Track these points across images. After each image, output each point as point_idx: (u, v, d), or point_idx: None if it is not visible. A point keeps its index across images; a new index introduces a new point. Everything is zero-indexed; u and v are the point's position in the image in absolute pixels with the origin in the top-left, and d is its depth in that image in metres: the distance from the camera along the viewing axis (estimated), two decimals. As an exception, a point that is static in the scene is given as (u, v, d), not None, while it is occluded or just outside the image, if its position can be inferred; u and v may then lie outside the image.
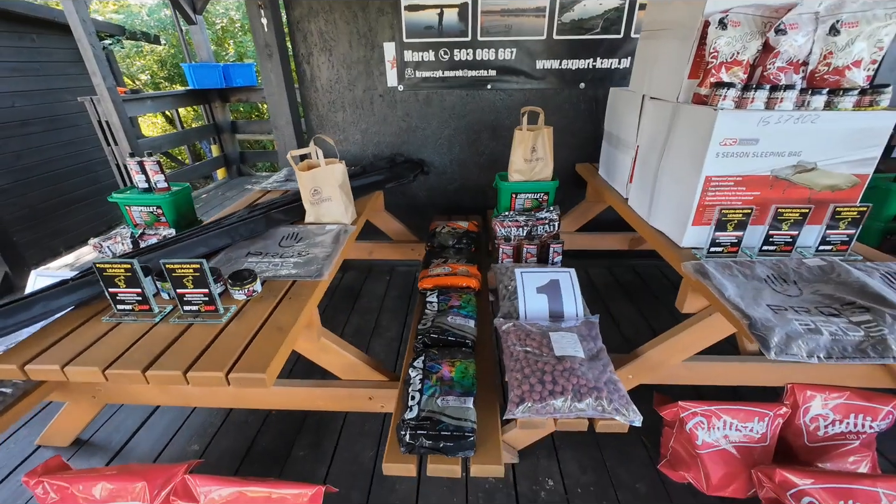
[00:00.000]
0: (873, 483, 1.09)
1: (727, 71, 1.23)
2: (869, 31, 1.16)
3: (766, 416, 1.30)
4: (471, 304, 1.52)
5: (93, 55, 3.23)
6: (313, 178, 1.53)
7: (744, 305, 1.00)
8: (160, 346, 0.97)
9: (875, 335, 0.90)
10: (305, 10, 2.21)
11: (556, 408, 1.06)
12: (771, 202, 1.25)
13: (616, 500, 1.36)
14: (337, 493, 1.09)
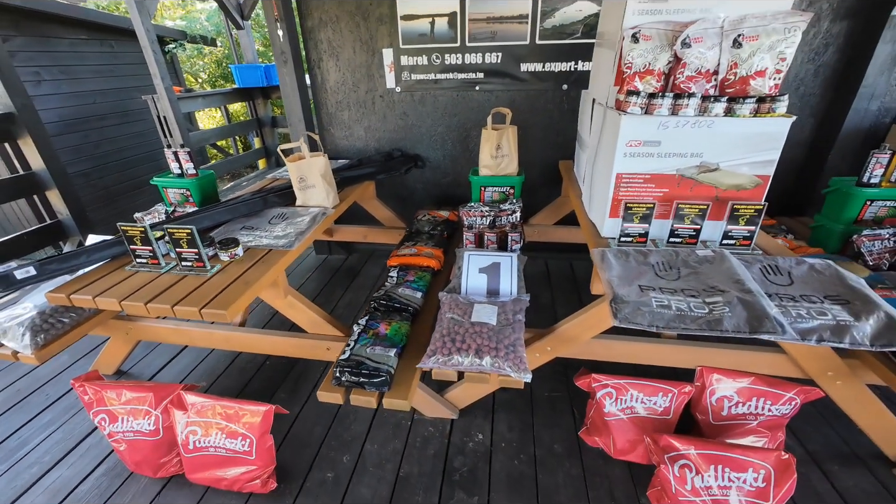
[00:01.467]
0: (744, 452, 1.23)
1: (641, 80, 1.37)
2: (769, 44, 1.26)
3: (669, 393, 1.45)
4: (424, 279, 1.77)
5: (154, 59, 3.78)
6: (299, 168, 1.84)
7: (616, 284, 1.17)
8: (161, 288, 1.31)
9: (716, 313, 1.05)
10: (316, 21, 2.53)
11: (460, 362, 1.29)
12: (680, 198, 1.39)
13: (532, 456, 1.56)
14: (287, 413, 1.39)
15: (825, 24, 2.13)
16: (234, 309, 1.21)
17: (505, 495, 1.42)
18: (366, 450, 1.61)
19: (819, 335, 0.99)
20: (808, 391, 1.38)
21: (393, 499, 1.42)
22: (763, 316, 1.02)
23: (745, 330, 1.00)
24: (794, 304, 1.08)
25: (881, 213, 1.81)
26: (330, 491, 1.46)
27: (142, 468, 1.51)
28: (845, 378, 1.35)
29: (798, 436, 1.59)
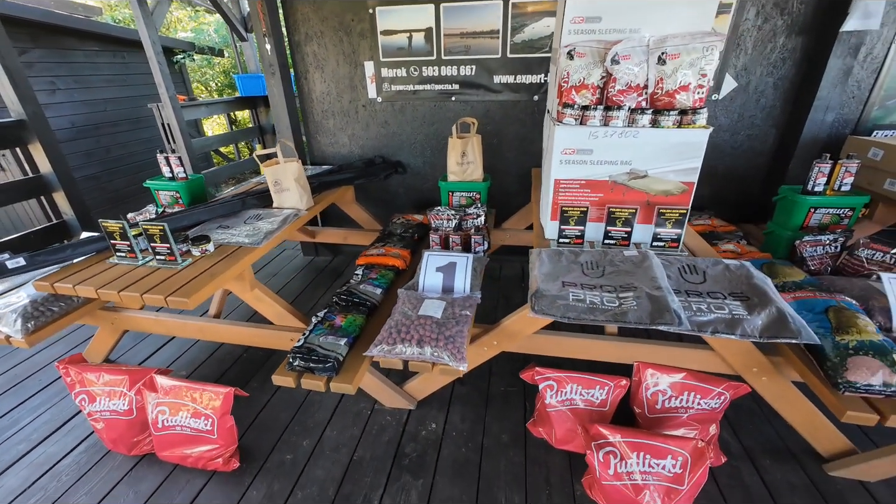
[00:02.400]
0: (664, 441, 1.31)
1: (577, 93, 1.48)
2: (690, 61, 1.36)
3: (606, 386, 1.54)
4: (386, 277, 1.89)
5: (159, 70, 3.98)
6: (274, 173, 1.98)
7: (541, 280, 1.28)
8: (136, 279, 1.45)
9: (624, 307, 1.15)
10: (303, 36, 2.70)
11: (403, 351, 1.39)
12: (613, 203, 1.49)
13: (479, 444, 1.65)
14: (248, 396, 1.51)
15: (781, 39, 2.22)
16: (196, 298, 1.34)
17: (448, 479, 1.51)
18: (325, 435, 1.72)
19: (714, 327, 1.08)
20: (736, 387, 1.46)
21: (344, 479, 1.53)
22: (665, 309, 1.11)
23: (647, 321, 1.09)
24: (699, 299, 1.17)
25: (825, 220, 1.88)
26: (287, 471, 1.57)
27: (117, 446, 1.63)
28: (770, 374, 1.42)
29: (736, 431, 1.66)
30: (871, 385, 1.15)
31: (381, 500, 1.45)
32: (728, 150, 2.53)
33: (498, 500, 1.44)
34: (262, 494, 1.48)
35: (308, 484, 1.52)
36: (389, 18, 2.54)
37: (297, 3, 2.62)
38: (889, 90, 2.22)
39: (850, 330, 1.28)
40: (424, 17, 2.49)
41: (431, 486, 1.49)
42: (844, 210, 1.86)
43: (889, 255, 1.68)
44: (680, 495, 1.26)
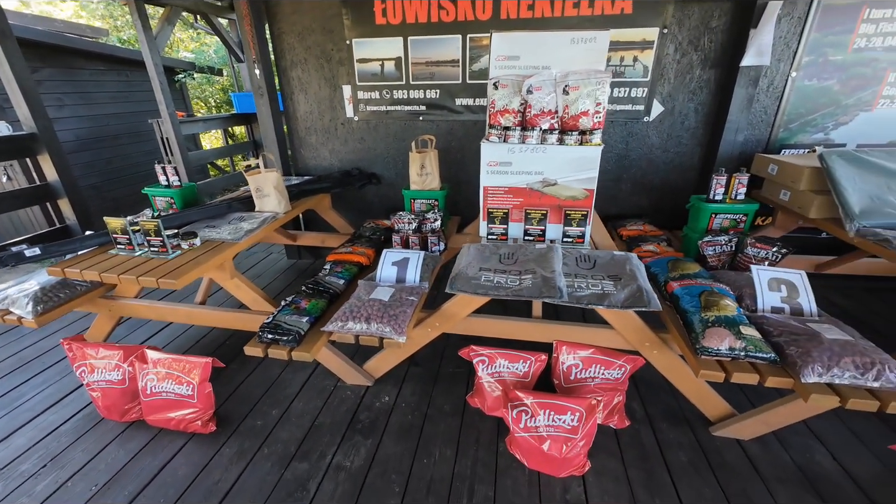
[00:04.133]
0: (566, 400, 1.58)
1: (502, 116, 1.81)
2: (587, 92, 1.70)
3: (528, 360, 1.82)
4: (350, 271, 2.18)
5: (160, 89, 4.33)
6: (256, 181, 2.29)
7: (463, 266, 1.58)
8: (132, 266, 1.74)
9: (522, 285, 1.44)
10: (288, 62, 3.05)
11: (353, 327, 1.68)
12: (531, 206, 1.80)
13: (424, 413, 1.92)
14: (224, 367, 1.78)
15: (697, 71, 2.58)
16: (183, 280, 1.63)
17: (393, 439, 1.78)
18: (292, 406, 1.98)
19: (588, 300, 1.38)
20: (634, 359, 1.75)
21: (305, 439, 1.79)
22: (551, 287, 1.41)
23: (536, 295, 1.39)
24: (583, 280, 1.47)
25: (724, 224, 2.20)
26: (257, 433, 1.83)
27: (111, 413, 1.89)
28: (659, 348, 1.72)
29: (643, 401, 1.94)
30: (721, 350, 1.45)
31: (334, 455, 1.71)
32: (662, 166, 2.87)
33: (433, 454, 1.70)
34: (233, 451, 1.74)
35: (273, 443, 1.78)
36: (364, 49, 2.89)
37: (283, 34, 2.98)
38: (790, 115, 2.58)
39: (713, 308, 1.59)
40: (394, 48, 2.85)
41: (378, 444, 1.75)
42: (739, 215, 2.18)
43: (770, 252, 1.99)
44: (574, 443, 1.54)
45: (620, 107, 2.74)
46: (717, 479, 1.57)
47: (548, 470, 1.60)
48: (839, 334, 1.45)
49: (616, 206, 3.04)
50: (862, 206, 1.85)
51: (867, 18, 2.32)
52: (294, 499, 1.53)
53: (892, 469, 1.59)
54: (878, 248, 1.72)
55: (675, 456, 1.67)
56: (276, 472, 1.64)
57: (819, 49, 2.41)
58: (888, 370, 1.31)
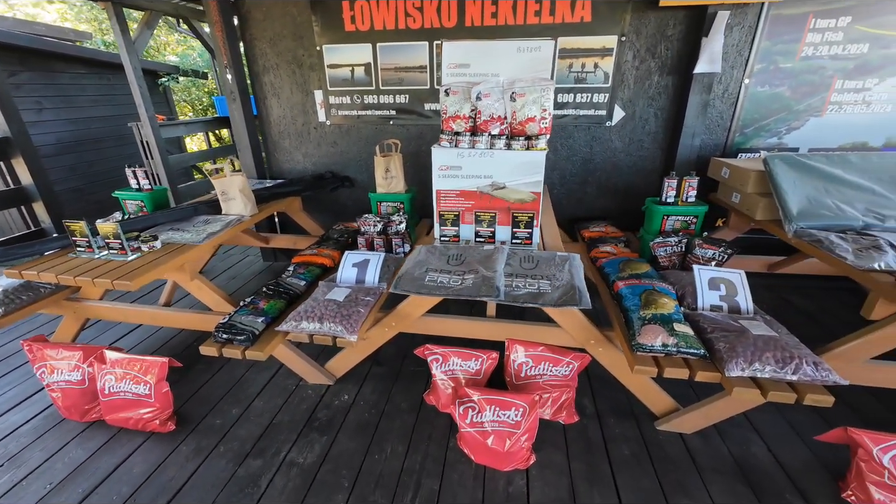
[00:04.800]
0: (511, 396, 1.64)
1: (454, 122, 1.87)
2: (533, 99, 1.76)
3: (480, 358, 1.88)
4: (312, 273, 2.22)
5: (139, 92, 4.34)
6: (222, 184, 2.33)
7: (410, 267, 1.63)
8: (91, 267, 1.77)
9: (463, 285, 1.50)
10: (261, 67, 3.10)
11: (306, 327, 1.72)
12: (483, 209, 1.86)
13: (381, 410, 1.96)
14: (181, 366, 1.82)
15: (655, 77, 2.67)
16: (138, 282, 1.67)
17: (348, 436, 1.82)
18: (253, 405, 2.02)
19: (524, 299, 1.44)
20: (581, 357, 1.81)
21: (262, 437, 1.83)
22: (490, 286, 1.47)
23: (474, 294, 1.44)
24: (522, 279, 1.53)
25: (676, 225, 2.27)
26: (215, 432, 1.86)
27: (71, 413, 1.92)
28: (604, 345, 1.78)
29: (595, 396, 2.00)
30: (654, 346, 1.51)
31: (289, 451, 1.75)
32: (625, 169, 2.94)
33: (385, 450, 1.75)
34: (190, 448, 1.78)
35: (231, 440, 1.82)
36: (334, 54, 2.95)
37: (255, 40, 3.03)
38: (745, 121, 2.67)
39: (651, 306, 1.66)
40: (364, 54, 2.91)
41: (333, 441, 1.80)
42: (690, 217, 2.26)
43: (717, 253, 2.06)
44: (516, 437, 1.59)
45: (583, 112, 2.82)
46: (656, 470, 1.63)
47: (493, 464, 1.65)
48: (765, 331, 1.52)
49: (583, 208, 3.11)
50: (800, 207, 1.93)
51: (813, 28, 2.41)
52: (245, 494, 1.57)
53: (821, 459, 1.65)
54: (812, 248, 1.80)
55: (619, 449, 1.73)
56: (230, 469, 1.68)
57: (770, 57, 2.50)
58: (805, 364, 1.38)
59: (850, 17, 2.36)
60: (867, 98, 2.50)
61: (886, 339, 1.46)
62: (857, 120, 2.56)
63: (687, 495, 1.53)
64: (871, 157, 2.03)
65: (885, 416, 1.87)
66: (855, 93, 2.51)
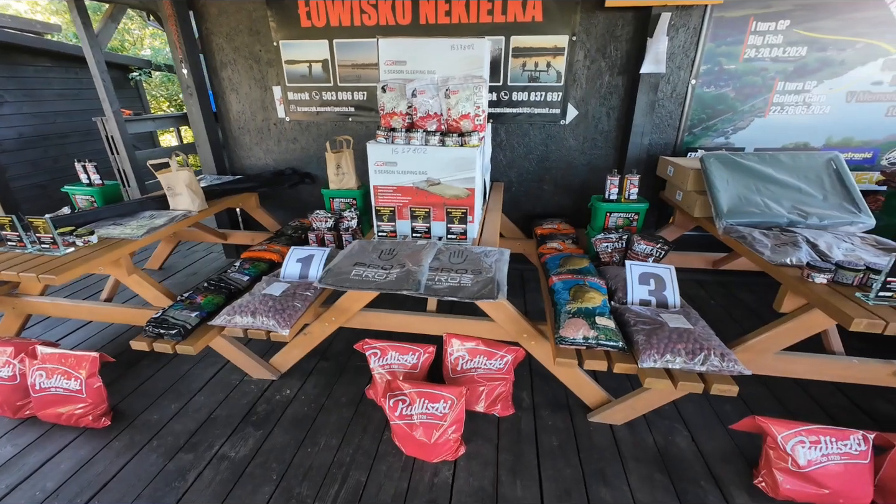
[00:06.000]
0: (440, 389, 1.66)
1: (392, 119, 1.89)
2: (466, 96, 1.78)
3: (416, 352, 1.90)
4: (258, 268, 2.22)
5: (103, 86, 4.27)
6: (167, 179, 2.32)
7: (339, 262, 1.64)
8: (21, 261, 1.75)
9: (388, 279, 1.52)
10: (219, 63, 3.08)
11: (238, 321, 1.72)
12: (419, 205, 1.88)
13: (321, 405, 1.97)
14: (114, 361, 1.81)
15: (607, 77, 2.71)
16: (64, 276, 1.66)
17: (284, 429, 1.83)
18: (193, 400, 2.01)
19: (444, 292, 1.46)
20: (515, 350, 1.84)
21: (197, 431, 1.83)
22: (413, 280, 1.49)
23: (396, 288, 1.46)
24: (447, 274, 1.55)
25: (619, 222, 2.32)
26: (151, 427, 1.86)
27: (3, 410, 1.89)
28: (536, 339, 1.81)
29: (534, 390, 2.04)
30: (576, 339, 1.55)
31: (222, 445, 1.76)
32: (580, 167, 2.99)
33: (318, 443, 1.76)
34: (122, 444, 1.77)
35: (165, 435, 1.81)
36: (292, 50, 2.94)
37: (211, 35, 3.00)
38: (693, 120, 2.73)
39: (578, 300, 1.69)
40: (321, 51, 2.91)
41: (268, 435, 1.80)
42: (632, 214, 2.31)
43: (655, 249, 2.11)
44: (443, 429, 1.61)
45: (538, 110, 2.85)
46: (581, 460, 1.67)
47: (422, 455, 1.68)
48: (682, 324, 1.56)
49: (541, 205, 3.15)
50: (730, 205, 1.99)
51: (755, 31, 2.48)
52: (171, 488, 1.57)
53: (741, 447, 1.71)
54: (737, 244, 1.85)
55: (548, 440, 1.76)
56: (160, 464, 1.67)
57: (714, 58, 2.56)
58: (713, 355, 1.43)
59: (789, 20, 2.43)
60: (807, 100, 2.58)
61: (792, 331, 1.51)
62: (799, 121, 2.64)
63: (606, 483, 1.57)
64: (800, 157, 2.10)
65: (807, 404, 1.94)
66: (795, 94, 2.58)
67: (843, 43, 2.43)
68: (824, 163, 2.06)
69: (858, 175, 2.72)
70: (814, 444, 1.43)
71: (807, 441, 1.43)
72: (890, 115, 2.55)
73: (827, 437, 1.42)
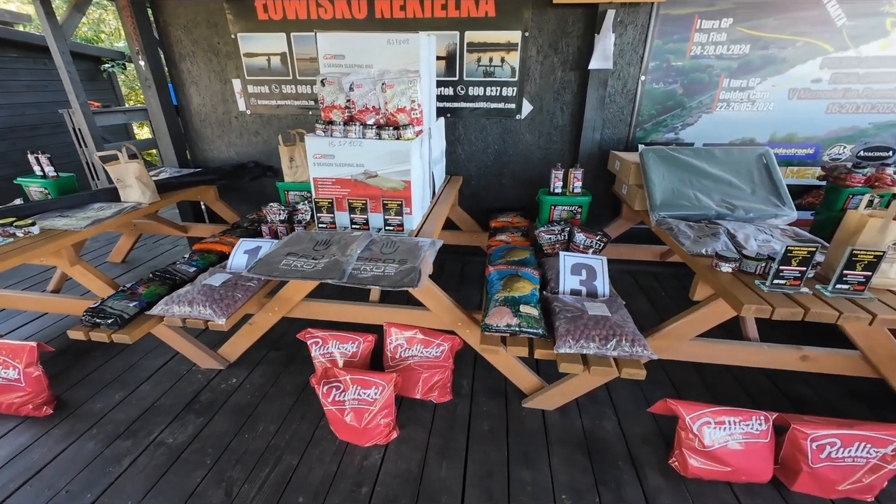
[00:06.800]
0: (373, 376, 1.71)
1: (331, 112, 1.92)
2: (402, 90, 1.82)
3: (356, 341, 1.95)
4: (207, 260, 2.24)
5: (69, 78, 4.22)
6: (116, 171, 2.32)
7: (274, 251, 1.67)
8: (-44, 253, 1.77)
9: (315, 269, 1.56)
10: (178, 55, 3.07)
11: (176, 311, 1.75)
12: (358, 197, 1.91)
13: (265, 393, 2.01)
14: (53, 351, 1.83)
15: (559, 72, 2.76)
16: (4, 266, 1.67)
17: (225, 416, 1.87)
18: (139, 390, 2.04)
19: (367, 281, 1.50)
20: (452, 339, 1.89)
21: (138, 419, 1.86)
22: (336, 269, 1.53)
23: (319, 277, 1.50)
24: (374, 263, 1.60)
25: (563, 215, 2.38)
26: (93, 416, 1.88)
27: (-55, 399, 1.91)
28: (471, 327, 1.87)
29: (476, 377, 2.09)
30: (500, 326, 1.60)
31: (161, 432, 1.79)
32: (537, 162, 3.04)
33: (256, 429, 1.80)
34: (63, 432, 1.80)
35: (106, 423, 1.84)
36: (250, 43, 2.95)
37: (169, 26, 2.99)
38: (644, 116, 2.79)
39: (507, 290, 1.75)
40: (279, 44, 2.91)
41: (208, 423, 1.84)
42: (575, 207, 2.37)
43: (594, 241, 2.17)
44: (373, 413, 1.67)
45: (494, 105, 2.89)
46: (508, 443, 1.73)
47: (354, 440, 1.73)
48: (602, 312, 1.63)
49: (500, 199, 3.20)
50: (663, 198, 2.05)
51: (700, 28, 2.54)
52: (104, 473, 1.61)
53: (664, 430, 1.78)
54: (665, 235, 1.92)
55: (480, 426, 1.82)
56: (97, 450, 1.71)
57: (662, 55, 2.62)
58: (625, 341, 1.49)
59: (732, 18, 2.49)
60: (752, 97, 2.65)
61: (704, 318, 1.58)
62: (744, 117, 2.71)
63: (528, 465, 1.63)
64: (733, 152, 2.17)
65: (733, 389, 2.02)
66: (741, 91, 2.65)
67: (783, 41, 2.50)
68: (755, 157, 2.13)
69: (802, 170, 2.81)
70: (719, 425, 1.50)
71: (712, 422, 1.50)
72: (830, 112, 2.63)
73: (731, 418, 1.50)
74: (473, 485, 1.56)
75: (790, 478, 1.52)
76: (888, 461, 1.41)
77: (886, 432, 1.40)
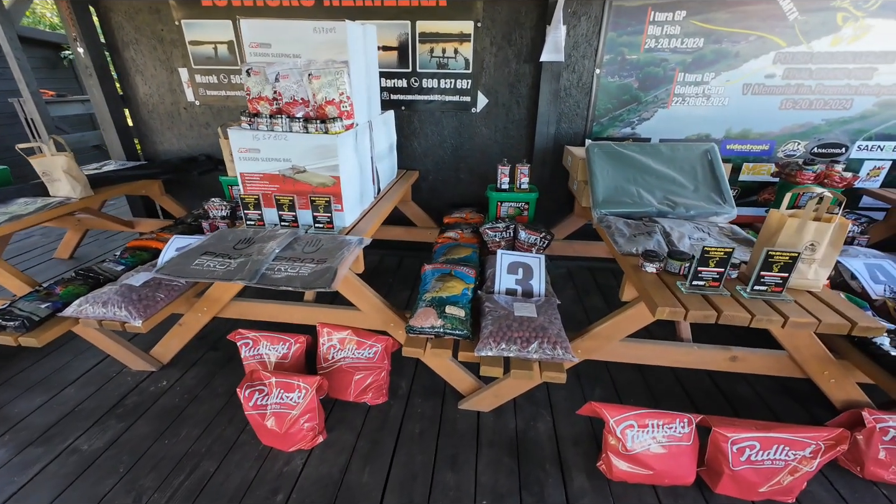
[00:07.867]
0: (297, 379, 1.64)
1: (258, 104, 1.83)
2: (329, 81, 1.74)
3: (288, 342, 1.88)
4: (138, 258, 2.16)
5: (17, 65, 4.05)
6: (41, 164, 2.21)
7: (191, 250, 1.60)
8: None
9: (229, 269, 1.49)
10: (120, 42, 2.94)
11: (90, 312, 1.67)
12: (287, 193, 1.84)
13: (195, 395, 1.95)
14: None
15: (514, 65, 2.69)
16: None
17: (147, 421, 1.80)
18: (63, 393, 1.96)
19: (281, 282, 1.44)
20: (386, 340, 1.84)
21: (56, 424, 1.78)
22: (249, 270, 1.46)
23: (228, 278, 1.44)
24: (290, 263, 1.53)
25: (511, 211, 2.33)
26: (8, 420, 1.80)
27: None
28: (402, 328, 1.82)
29: (415, 379, 2.05)
30: (424, 328, 1.56)
31: (77, 438, 1.72)
32: (495, 156, 2.98)
33: (179, 434, 1.74)
34: (-28, 438, 1.72)
35: (21, 428, 1.76)
36: (195, 30, 2.83)
37: (109, 12, 2.86)
38: (600, 110, 2.74)
39: (437, 290, 1.70)
40: (225, 31, 2.80)
41: (129, 427, 1.77)
42: (522, 203, 2.32)
43: (538, 238, 2.13)
44: (293, 418, 1.61)
45: (449, 97, 2.82)
46: (437, 446, 1.69)
47: (277, 445, 1.67)
48: (529, 312, 1.58)
49: (458, 194, 3.14)
50: (605, 195, 2.01)
51: (653, 20, 2.48)
52: (9, 482, 1.53)
53: (596, 431, 1.76)
54: (603, 232, 1.88)
55: (412, 428, 1.78)
56: (5, 458, 1.63)
57: (616, 48, 2.57)
58: (547, 343, 1.45)
59: (685, 11, 2.44)
60: (706, 91, 2.62)
61: (631, 319, 1.55)
62: (700, 112, 2.67)
63: (454, 468, 1.60)
64: (679, 148, 2.13)
65: (673, 390, 2.00)
66: (695, 86, 2.61)
67: (737, 35, 2.46)
68: (700, 154, 2.09)
69: (757, 166, 2.79)
70: (642, 428, 1.47)
71: (636, 425, 1.47)
72: (784, 108, 2.61)
73: (654, 421, 1.47)
74: (394, 490, 1.52)
75: (714, 480, 1.50)
76: (805, 463, 1.40)
77: (804, 434, 1.38)
